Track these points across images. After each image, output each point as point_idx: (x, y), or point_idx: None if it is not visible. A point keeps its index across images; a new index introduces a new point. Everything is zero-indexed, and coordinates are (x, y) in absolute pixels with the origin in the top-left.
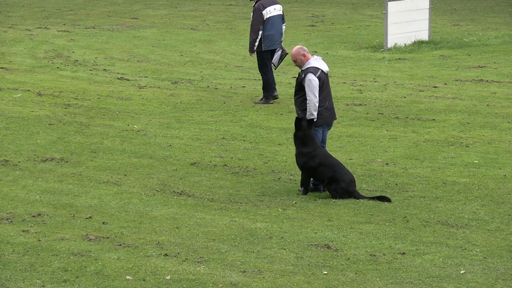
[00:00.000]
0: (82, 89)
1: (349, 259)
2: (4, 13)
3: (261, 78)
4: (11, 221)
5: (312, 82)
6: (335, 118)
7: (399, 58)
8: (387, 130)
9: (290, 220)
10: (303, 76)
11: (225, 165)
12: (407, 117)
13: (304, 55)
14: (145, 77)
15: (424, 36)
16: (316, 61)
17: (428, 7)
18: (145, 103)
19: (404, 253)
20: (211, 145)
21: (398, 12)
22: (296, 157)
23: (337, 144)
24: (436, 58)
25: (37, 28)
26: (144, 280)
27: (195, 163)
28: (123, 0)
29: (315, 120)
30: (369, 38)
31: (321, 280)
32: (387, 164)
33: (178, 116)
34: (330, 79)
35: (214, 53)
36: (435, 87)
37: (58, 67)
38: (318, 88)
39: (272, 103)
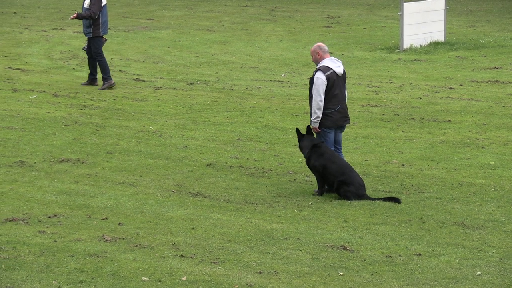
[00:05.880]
0: (97, 90)
1: (365, 260)
2: (20, 14)
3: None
4: (27, 222)
5: (318, 80)
6: (348, 122)
7: (415, 59)
8: (403, 131)
9: (306, 221)
10: (313, 74)
11: (241, 166)
12: (423, 118)
13: (319, 54)
14: (160, 78)
15: (440, 37)
16: (331, 62)
17: (444, 8)
18: (160, 104)
19: (420, 254)
20: (227, 146)
21: (413, 13)
22: (306, 160)
23: (353, 145)
24: (452, 59)
25: (53, 29)
26: (160, 281)
27: (211, 164)
28: (138, 1)
29: (319, 119)
30: (384, 39)
31: (337, 281)
32: (403, 165)
33: (193, 117)
34: None
35: (229, 54)
36: (451, 88)
37: (73, 68)
38: (323, 87)
39: (114, 83)
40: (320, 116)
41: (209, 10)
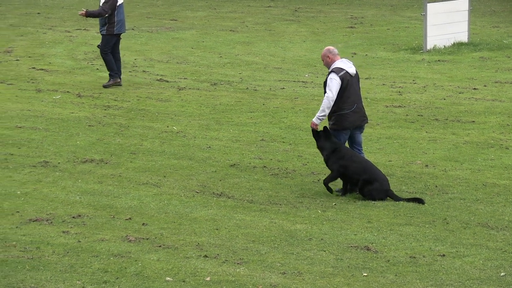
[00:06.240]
0: (121, 91)
1: (389, 261)
2: (44, 14)
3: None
4: (51, 222)
5: (333, 81)
6: (366, 122)
7: (439, 60)
8: (426, 132)
9: (329, 222)
10: (326, 77)
11: (265, 166)
12: (447, 119)
13: (329, 57)
14: (184, 78)
15: (464, 37)
16: (342, 63)
17: (467, 9)
18: (184, 105)
19: (444, 255)
20: (251, 147)
21: (437, 14)
22: (326, 161)
23: (377, 146)
24: (475, 60)
25: (77, 29)
26: (184, 281)
27: (234, 164)
28: (162, 1)
29: (325, 117)
30: (408, 39)
31: (361, 282)
32: (426, 166)
33: (217, 117)
34: (369, 81)
35: (253, 55)
36: (474, 89)
37: (97, 69)
38: (337, 87)
39: (119, 81)
40: (327, 114)
41: (232, 10)
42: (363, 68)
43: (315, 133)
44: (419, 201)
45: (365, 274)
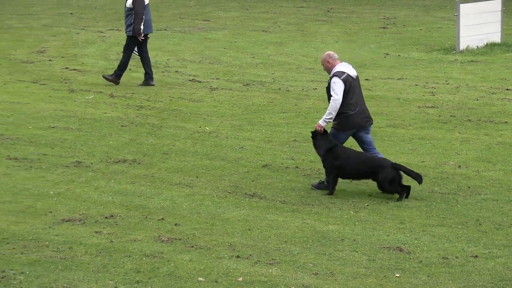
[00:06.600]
0: (154, 91)
1: (421, 262)
2: (77, 15)
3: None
4: (84, 222)
5: (336, 84)
6: (371, 123)
7: (471, 61)
8: (459, 132)
9: (362, 223)
10: (329, 81)
11: (297, 167)
12: (480, 120)
13: (329, 62)
14: (216, 79)
15: (497, 38)
16: (343, 66)
17: (500, 9)
18: (216, 105)
19: (476, 256)
20: (283, 147)
21: (470, 14)
22: (322, 162)
23: (409, 147)
24: (508, 60)
25: (109, 30)
26: (216, 281)
27: (266, 165)
28: (194, 2)
29: (331, 120)
30: (441, 40)
31: (394, 282)
32: (459, 166)
33: (249, 118)
34: (401, 81)
35: (285, 55)
36: (507, 89)
37: (130, 69)
38: (342, 89)
39: (118, 83)
40: (334, 117)
41: (265, 11)
42: (395, 68)
43: (313, 132)
44: (418, 179)
45: (398, 275)
